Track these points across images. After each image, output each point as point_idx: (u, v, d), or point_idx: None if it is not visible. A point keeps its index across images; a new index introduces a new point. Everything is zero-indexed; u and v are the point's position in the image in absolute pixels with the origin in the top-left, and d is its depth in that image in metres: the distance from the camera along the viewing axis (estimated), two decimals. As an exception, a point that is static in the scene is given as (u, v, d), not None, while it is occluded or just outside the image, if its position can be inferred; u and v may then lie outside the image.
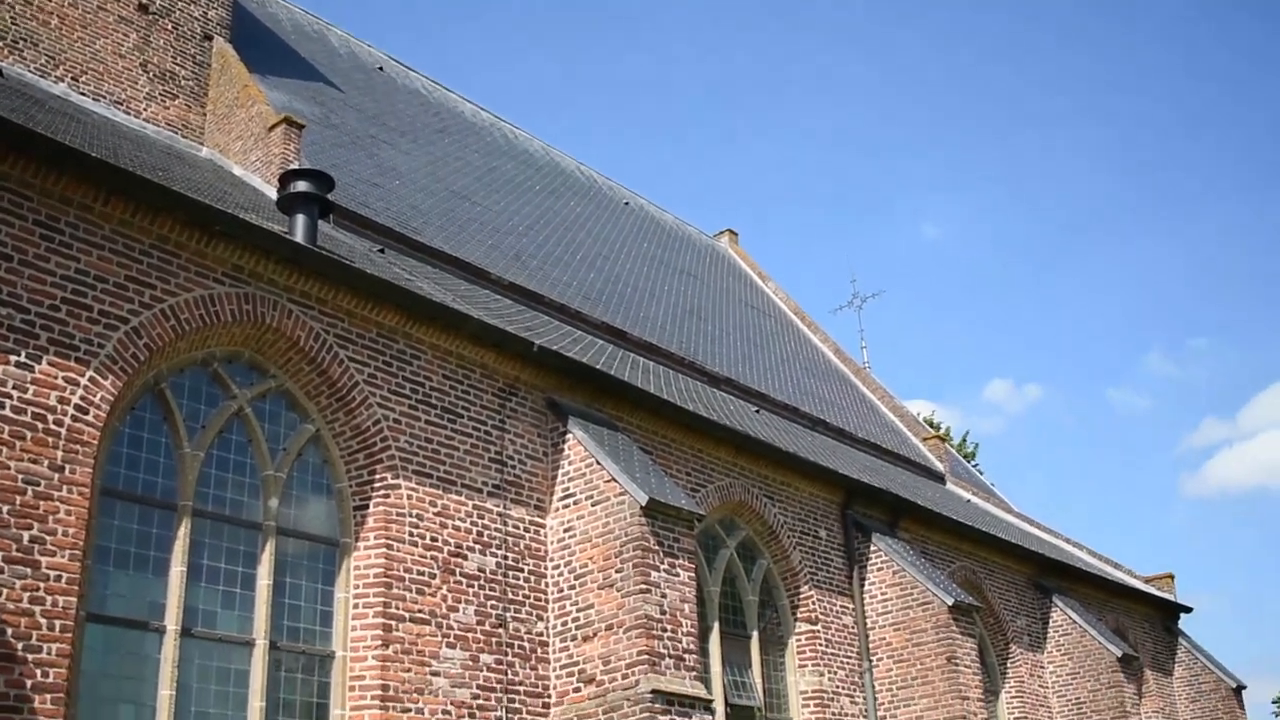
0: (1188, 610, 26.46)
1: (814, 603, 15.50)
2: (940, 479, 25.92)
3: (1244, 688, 25.26)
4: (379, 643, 10.25)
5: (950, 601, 15.60)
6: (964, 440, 47.89)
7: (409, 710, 10.23)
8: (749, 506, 15.08)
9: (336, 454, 10.80)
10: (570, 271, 18.79)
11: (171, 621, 9.31)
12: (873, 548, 16.42)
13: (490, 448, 11.75)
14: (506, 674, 11.17)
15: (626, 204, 26.90)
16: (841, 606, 15.96)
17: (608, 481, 11.70)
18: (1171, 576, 27.12)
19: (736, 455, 14.92)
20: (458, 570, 11.03)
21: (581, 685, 11.35)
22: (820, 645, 15.38)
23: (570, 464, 12.12)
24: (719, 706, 13.60)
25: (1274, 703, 34.30)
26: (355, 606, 10.42)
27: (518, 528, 11.76)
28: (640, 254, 23.51)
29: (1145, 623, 24.80)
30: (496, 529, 11.53)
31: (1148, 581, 26.53)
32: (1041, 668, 20.37)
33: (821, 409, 22.68)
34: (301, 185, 11.27)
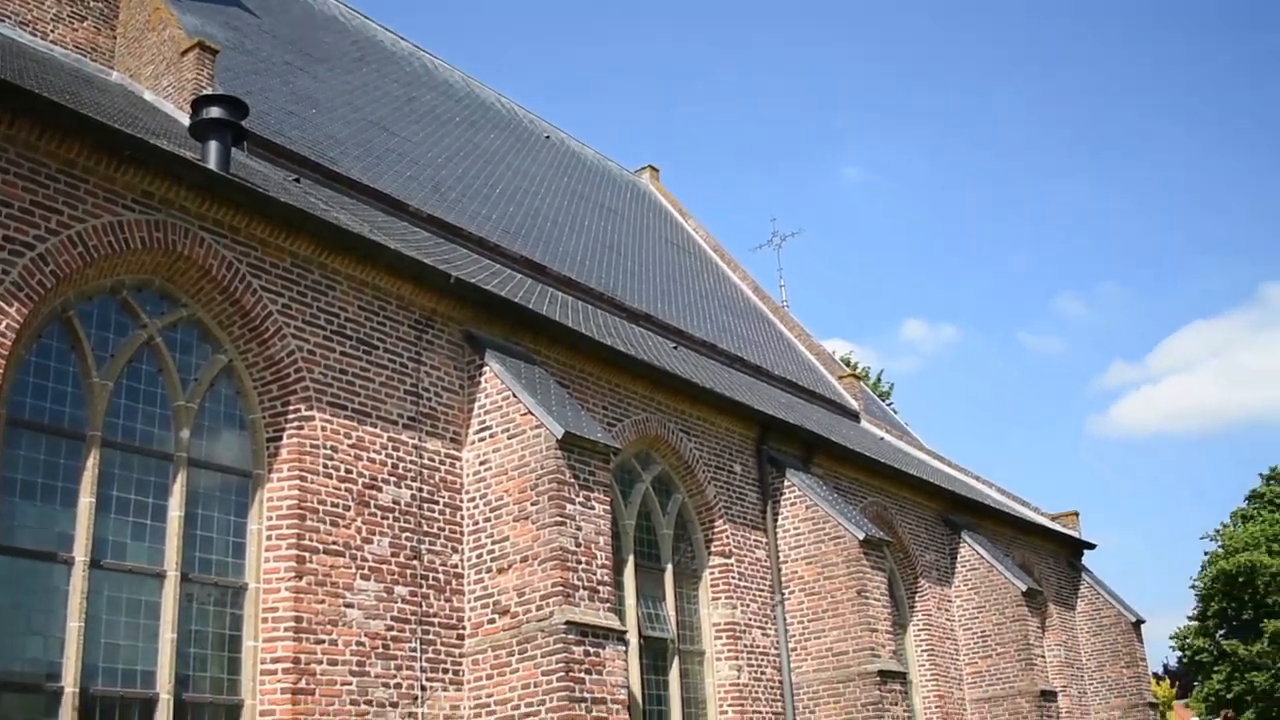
0: (1091, 547, 27.16)
1: (728, 536, 15.69)
2: (855, 417, 26.25)
3: (1143, 622, 26.03)
4: (292, 574, 10.22)
5: (861, 536, 15.87)
6: (879, 379, 48.50)
7: (323, 642, 10.24)
8: (665, 441, 15.18)
9: (249, 385, 10.70)
10: (489, 205, 18.66)
11: (80, 553, 9.22)
12: (786, 483, 16.63)
13: (406, 380, 11.71)
14: (421, 606, 11.20)
15: (547, 138, 26.72)
16: (755, 540, 16.18)
17: (524, 414, 11.71)
18: (1076, 514, 27.79)
19: (653, 390, 15.00)
20: (372, 502, 11.01)
21: (496, 617, 11.42)
22: (733, 578, 15.59)
23: (487, 397, 12.12)
24: (632, 638, 13.76)
25: (1171, 638, 35.41)
26: (268, 538, 10.37)
27: (433, 460, 11.75)
28: (561, 188, 23.40)
29: (1050, 559, 25.42)
30: (412, 461, 11.51)
31: (1053, 519, 27.16)
32: (949, 601, 20.82)
33: (739, 346, 22.83)
34: (214, 111, 11.05)
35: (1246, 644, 29.36)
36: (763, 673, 15.58)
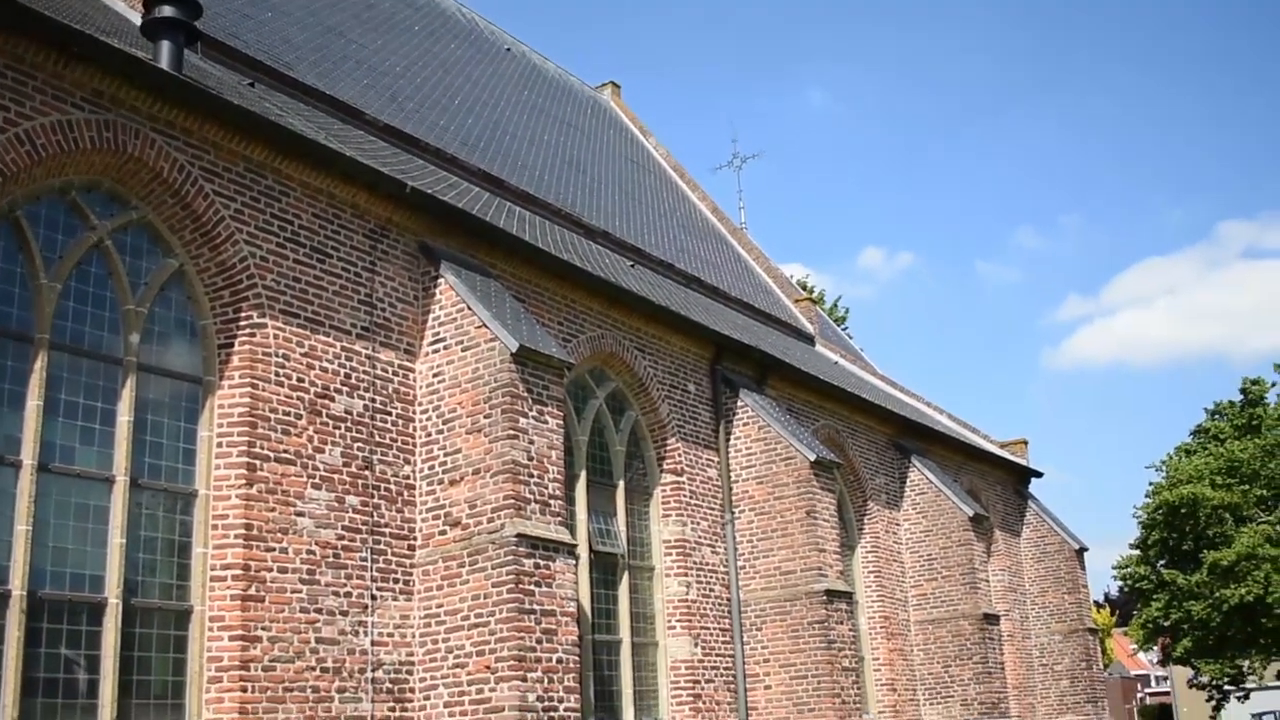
0: (1038, 475, 27.54)
1: (680, 455, 15.77)
2: (810, 340, 26.36)
3: (1085, 550, 26.50)
4: (243, 482, 10.19)
5: (812, 457, 15.99)
6: (835, 305, 48.67)
7: (273, 549, 10.24)
8: (620, 358, 15.19)
9: (200, 290, 10.58)
10: (448, 116, 18.43)
11: (27, 456, 9.14)
12: (740, 403, 16.70)
13: (360, 289, 11.61)
14: (372, 516, 11.21)
15: (508, 50, 26.35)
16: (707, 459, 16.27)
17: (478, 327, 11.66)
18: (1025, 443, 28.13)
19: (609, 307, 14.96)
20: (324, 411, 10.96)
21: (447, 528, 11.45)
22: (684, 496, 15.69)
23: (441, 309, 12.04)
24: (583, 552, 13.85)
25: (1114, 568, 36.06)
26: (219, 445, 10.31)
27: (386, 371, 11.70)
28: (521, 102, 23.13)
29: (998, 485, 25.76)
30: (365, 371, 11.45)
31: (1003, 446, 27.50)
32: (897, 524, 21.07)
33: (696, 266, 22.79)
34: (167, 10, 10.76)
35: (1185, 574, 29.92)
36: (711, 590, 15.75)
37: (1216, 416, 35.38)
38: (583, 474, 14.43)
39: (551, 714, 10.88)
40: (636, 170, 26.53)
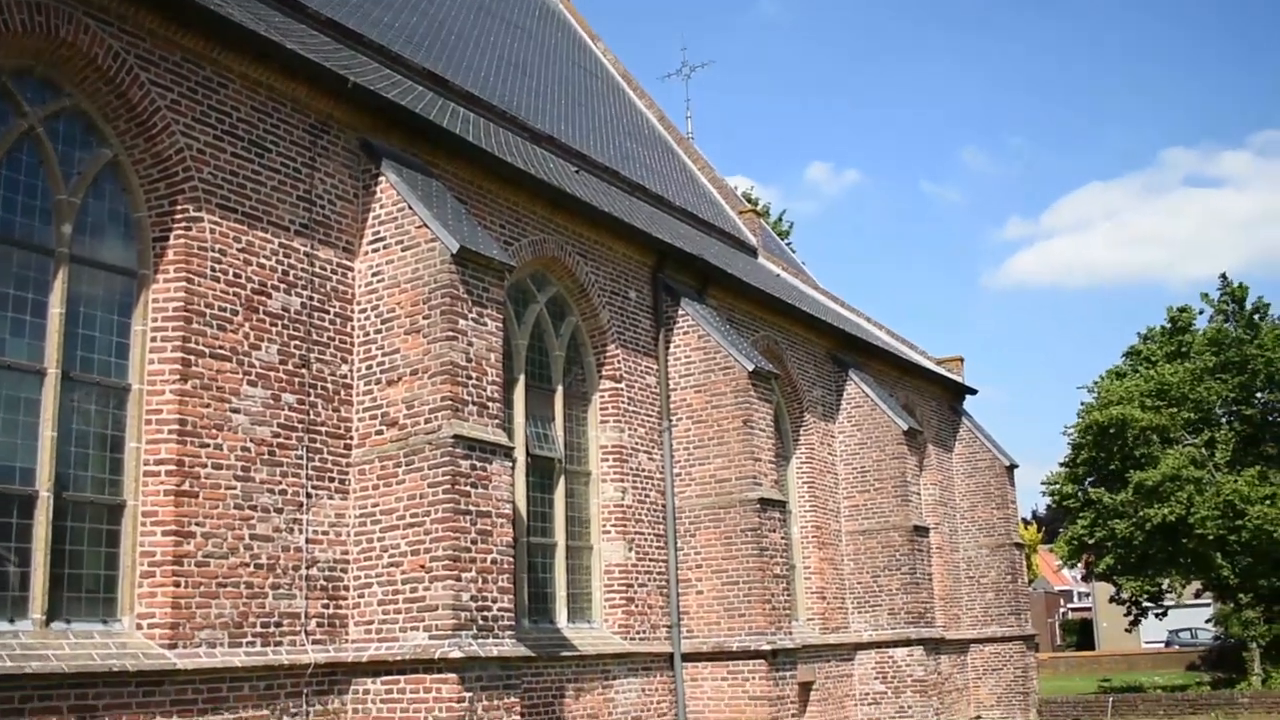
0: (973, 392, 27.90)
1: (619, 361, 15.81)
2: (753, 252, 26.40)
3: (1016, 467, 26.97)
4: (177, 377, 10.09)
5: (751, 367, 16.09)
6: (780, 218, 48.72)
7: (207, 445, 10.19)
8: (562, 263, 15.14)
9: (135, 182, 10.38)
10: (392, 12, 18.08)
11: (-45, 344, 8.99)
12: (680, 312, 16.74)
13: (299, 185, 11.45)
14: (309, 414, 11.17)
15: (455, -52, 25.82)
16: (646, 367, 16.32)
17: (419, 227, 11.56)
18: (961, 360, 28.45)
19: (553, 211, 14.88)
20: (261, 308, 10.85)
21: (384, 428, 11.44)
22: (623, 403, 15.76)
23: (382, 207, 11.92)
24: (520, 455, 13.91)
25: (1043, 483, 36.71)
26: (153, 340, 10.19)
27: (325, 269, 11.58)
28: (467, 2, 22.73)
29: (933, 401, 26.08)
30: (303, 269, 11.34)
31: (939, 363, 27.80)
32: (832, 437, 21.31)
33: (642, 175, 22.67)
34: (101, -110, 10.46)
35: (1111, 493, 30.49)
36: (646, 495, 15.89)
37: (1149, 340, 35.91)
38: (521, 378, 14.45)
39: (485, 614, 10.98)
40: (584, 75, 26.24)
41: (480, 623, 10.90)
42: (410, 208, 11.66)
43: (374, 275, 11.81)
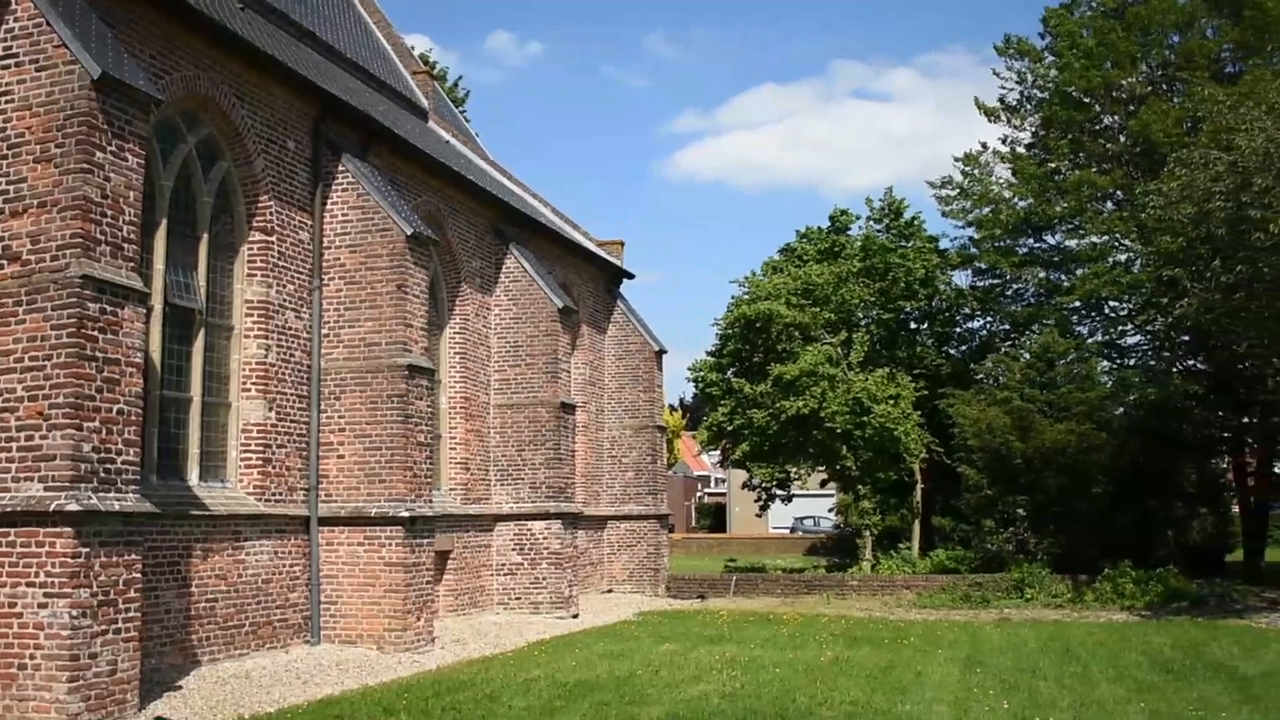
0: (630, 276, 28.43)
1: (272, 213, 15.13)
2: (424, 115, 25.78)
3: (664, 352, 27.78)
4: None
5: (409, 231, 15.75)
6: (456, 85, 47.74)
7: None
8: (216, 104, 14.28)
9: None
10: None
11: None
12: (341, 168, 16.15)
13: (-83, -16, 10.25)
14: (-85, 240, 10.15)
15: None
16: (300, 221, 15.70)
17: (57, 47, 10.59)
18: (621, 244, 28.87)
19: (210, 47, 13.95)
20: None
21: (6, 263, 10.57)
22: (272, 257, 15.13)
23: (16, 20, 10.83)
24: (156, 303, 13.18)
25: (689, 369, 37.95)
26: None
27: (-57, 81, 10.47)
28: None
29: (590, 282, 26.41)
30: (-84, 78, 10.20)
31: (600, 245, 28.12)
32: (488, 309, 21.26)
33: (313, 21, 21.59)
34: None
35: (752, 384, 31.75)
36: (292, 355, 15.40)
37: (804, 239, 37.40)
38: (164, 222, 13.61)
39: (108, 466, 10.41)
40: (256, -93, 24.63)
41: (102, 475, 10.33)
42: (49, 24, 10.67)
43: (3, 94, 10.77)
